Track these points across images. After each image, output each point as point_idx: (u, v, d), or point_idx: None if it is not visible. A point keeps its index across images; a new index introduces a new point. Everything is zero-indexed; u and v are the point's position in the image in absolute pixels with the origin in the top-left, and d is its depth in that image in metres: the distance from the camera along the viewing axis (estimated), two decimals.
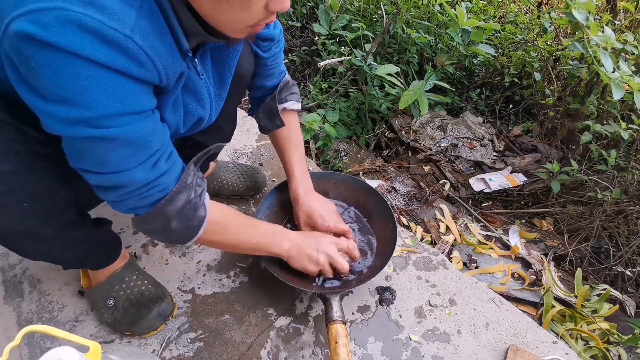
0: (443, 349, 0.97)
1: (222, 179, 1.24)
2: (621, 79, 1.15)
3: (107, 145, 0.57)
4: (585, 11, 1.18)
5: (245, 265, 1.11)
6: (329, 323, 0.86)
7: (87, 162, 0.60)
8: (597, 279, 1.37)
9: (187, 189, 0.69)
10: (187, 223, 0.72)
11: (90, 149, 0.57)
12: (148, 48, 0.53)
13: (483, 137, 1.93)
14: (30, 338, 0.94)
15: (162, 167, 0.65)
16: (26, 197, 0.65)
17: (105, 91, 0.53)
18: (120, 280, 0.95)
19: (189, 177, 0.70)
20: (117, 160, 0.59)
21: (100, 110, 0.53)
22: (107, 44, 0.50)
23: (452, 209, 1.52)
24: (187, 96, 0.72)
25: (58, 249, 0.78)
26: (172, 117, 0.70)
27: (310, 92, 1.90)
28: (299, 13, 2.16)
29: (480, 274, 1.28)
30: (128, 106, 0.56)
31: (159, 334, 0.96)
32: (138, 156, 0.61)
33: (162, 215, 0.68)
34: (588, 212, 1.47)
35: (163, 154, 0.65)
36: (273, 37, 0.91)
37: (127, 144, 0.58)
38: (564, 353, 0.99)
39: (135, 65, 0.54)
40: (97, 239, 0.87)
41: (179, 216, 0.70)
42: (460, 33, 1.30)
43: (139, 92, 0.57)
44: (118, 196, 0.64)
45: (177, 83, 0.65)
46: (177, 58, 0.61)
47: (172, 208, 0.68)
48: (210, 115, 0.80)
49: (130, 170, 0.61)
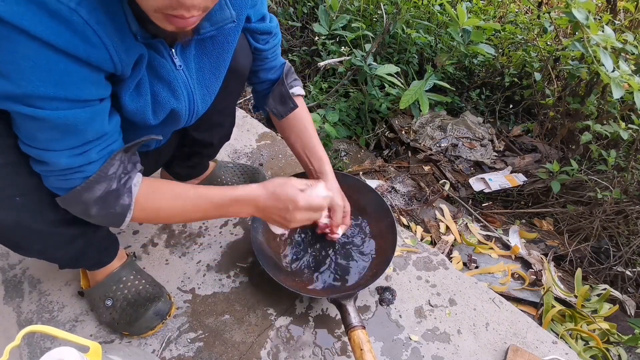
0: (443, 349, 0.97)
1: (222, 179, 1.24)
2: (621, 79, 1.15)
3: (36, 123, 0.56)
4: (585, 11, 1.18)
5: (246, 265, 1.11)
6: (350, 330, 0.85)
7: (19, 132, 0.60)
8: (597, 279, 1.37)
9: (107, 179, 0.66)
10: (109, 210, 0.69)
11: (22, 122, 0.57)
12: (95, 24, 0.52)
13: (483, 137, 1.93)
14: (30, 338, 0.94)
15: (91, 157, 0.63)
16: (18, 190, 0.64)
17: (40, 73, 0.52)
18: (117, 281, 0.95)
19: (111, 167, 0.66)
20: (45, 139, 0.59)
21: (30, 89, 0.52)
22: (51, 16, 0.49)
23: (452, 209, 1.52)
24: (159, 86, 0.70)
25: (52, 246, 0.78)
26: (135, 103, 0.68)
27: (310, 92, 1.90)
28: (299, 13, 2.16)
29: (480, 274, 1.28)
30: (62, 91, 0.54)
31: (158, 334, 0.96)
32: (66, 141, 0.60)
33: (79, 201, 0.66)
34: (588, 212, 1.47)
35: (98, 145, 0.63)
36: (270, 30, 0.91)
37: (56, 127, 0.57)
38: (564, 353, 0.99)
39: (81, 41, 0.52)
40: (93, 238, 0.86)
41: (97, 204, 0.67)
42: (460, 33, 1.30)
43: (80, 80, 0.55)
44: (42, 171, 0.63)
45: (137, 68, 0.63)
46: (131, 41, 0.59)
47: (89, 196, 0.66)
48: (194, 108, 0.79)
49: (56, 152, 0.60)
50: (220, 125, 1.04)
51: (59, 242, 0.78)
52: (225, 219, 1.22)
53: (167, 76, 0.70)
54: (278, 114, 1.00)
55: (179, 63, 0.70)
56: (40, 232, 0.72)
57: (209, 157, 1.19)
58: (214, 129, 1.03)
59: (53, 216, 0.72)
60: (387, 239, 1.09)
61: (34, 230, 0.71)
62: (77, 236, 0.80)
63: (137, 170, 0.72)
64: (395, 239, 1.05)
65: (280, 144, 1.51)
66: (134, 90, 0.67)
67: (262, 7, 0.87)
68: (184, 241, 1.16)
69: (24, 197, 0.66)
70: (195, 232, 1.18)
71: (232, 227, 1.21)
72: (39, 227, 0.71)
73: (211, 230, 1.19)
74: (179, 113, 0.76)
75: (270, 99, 0.99)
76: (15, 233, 0.69)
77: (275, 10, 2.16)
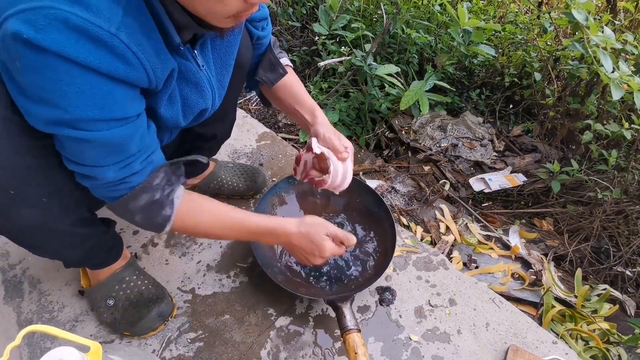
0: (443, 349, 0.97)
1: (222, 178, 1.24)
2: (621, 79, 1.15)
3: (84, 145, 0.59)
4: (585, 11, 1.18)
5: (245, 265, 1.11)
6: (345, 333, 0.86)
7: (67, 152, 0.63)
8: (597, 279, 1.37)
9: (151, 190, 0.70)
10: (152, 220, 0.73)
11: (68, 144, 0.60)
12: (134, 46, 0.54)
13: (483, 137, 1.93)
14: (30, 338, 0.94)
15: (134, 168, 0.66)
16: (45, 191, 0.67)
17: (85, 98, 0.54)
18: (120, 280, 0.95)
19: (156, 179, 0.70)
20: (92, 157, 0.62)
21: (78, 114, 0.55)
22: (93, 42, 0.50)
23: (452, 209, 1.52)
24: (188, 89, 0.73)
25: (69, 246, 0.80)
26: (169, 112, 0.71)
27: (310, 92, 1.90)
28: (299, 13, 2.16)
29: (480, 274, 1.28)
30: (107, 113, 0.57)
31: (159, 334, 0.96)
32: (112, 157, 0.63)
33: (125, 209, 0.70)
34: (588, 212, 1.47)
35: (140, 157, 0.67)
36: (266, 15, 0.93)
37: (103, 146, 0.60)
38: (564, 353, 0.99)
39: (122, 63, 0.54)
40: (103, 238, 0.88)
41: (142, 212, 0.71)
42: (461, 33, 1.30)
43: (121, 99, 0.58)
44: (91, 185, 0.67)
45: (169, 81, 0.65)
46: (166, 55, 0.61)
47: (135, 204, 0.69)
48: (214, 104, 0.81)
49: (103, 168, 0.63)
50: (221, 120, 1.05)
51: (74, 242, 0.80)
52: None
53: (194, 78, 0.72)
54: (268, 81, 1.00)
55: (201, 63, 0.73)
56: (61, 232, 0.74)
57: (209, 152, 1.19)
58: (216, 123, 1.04)
59: (75, 217, 0.75)
60: (387, 239, 1.09)
61: (55, 230, 0.73)
62: (90, 236, 0.82)
63: (180, 183, 0.76)
64: (395, 239, 1.05)
65: (280, 144, 1.51)
66: (167, 101, 0.70)
67: None
68: (184, 241, 1.16)
69: (51, 198, 0.68)
70: None
71: None
72: (61, 227, 0.73)
73: None
74: (206, 110, 0.79)
75: (260, 68, 1.00)
76: (37, 233, 0.71)
77: (275, 10, 2.16)
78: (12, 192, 0.62)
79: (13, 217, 0.65)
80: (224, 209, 0.83)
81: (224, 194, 1.26)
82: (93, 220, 0.84)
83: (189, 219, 0.78)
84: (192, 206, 0.78)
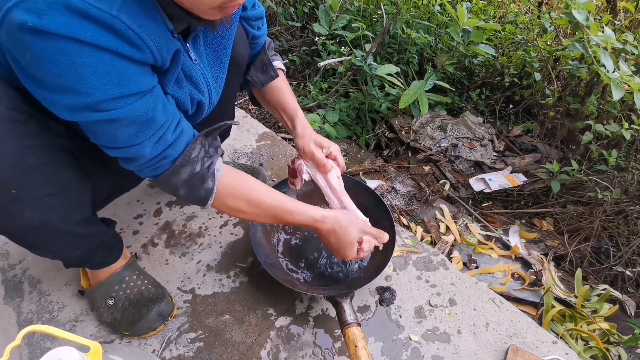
0: (443, 349, 0.97)
1: None
2: (621, 79, 1.15)
3: (114, 125, 0.59)
4: (585, 11, 1.18)
5: (245, 265, 1.11)
6: (344, 327, 0.86)
7: (102, 139, 0.63)
8: (597, 279, 1.37)
9: (190, 163, 0.71)
10: (195, 193, 0.75)
11: (100, 129, 0.61)
12: (137, 27, 0.54)
13: (483, 137, 1.93)
14: (30, 338, 0.94)
15: (168, 139, 0.67)
16: (47, 191, 0.67)
17: (102, 77, 0.54)
18: (120, 280, 0.95)
19: (193, 151, 0.71)
20: (126, 136, 0.62)
21: (99, 95, 0.55)
22: (96, 23, 0.51)
23: (452, 209, 1.52)
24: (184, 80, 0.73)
25: (70, 245, 0.80)
26: (178, 93, 0.72)
27: (310, 92, 1.90)
28: (299, 13, 2.16)
29: (480, 274, 1.28)
30: (126, 89, 0.57)
31: (159, 334, 0.96)
32: (144, 132, 0.63)
33: (169, 184, 0.72)
34: (588, 212, 1.47)
35: (170, 126, 0.67)
36: (262, 15, 0.93)
37: (132, 122, 0.61)
38: (564, 353, 0.99)
39: (127, 44, 0.54)
40: (104, 238, 0.88)
41: (184, 186, 0.73)
42: (460, 33, 1.30)
43: (135, 73, 0.58)
44: (134, 167, 0.68)
45: (175, 61, 0.66)
46: (169, 37, 0.62)
47: (177, 179, 0.71)
48: (211, 99, 0.81)
49: (139, 145, 0.64)
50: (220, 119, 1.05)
51: (76, 242, 0.80)
52: (225, 219, 1.22)
53: (188, 71, 0.72)
54: (259, 82, 1.01)
55: (194, 57, 0.73)
56: (63, 232, 0.74)
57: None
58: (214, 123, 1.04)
59: (78, 217, 0.75)
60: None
61: (58, 230, 0.73)
62: (92, 236, 0.83)
63: (219, 155, 0.77)
64: (394, 239, 1.05)
65: (280, 144, 1.51)
66: (175, 83, 0.70)
67: None
68: (184, 241, 1.16)
69: (53, 198, 0.68)
70: (195, 232, 1.18)
71: (232, 227, 1.21)
72: (64, 227, 0.73)
73: (211, 230, 1.19)
74: (203, 104, 0.79)
75: (252, 68, 1.00)
76: (40, 233, 0.71)
77: (275, 10, 2.16)
78: (14, 191, 0.62)
79: (15, 217, 0.65)
80: (264, 189, 0.83)
81: None
82: (95, 221, 0.84)
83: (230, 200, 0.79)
84: (232, 186, 0.79)
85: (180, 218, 1.22)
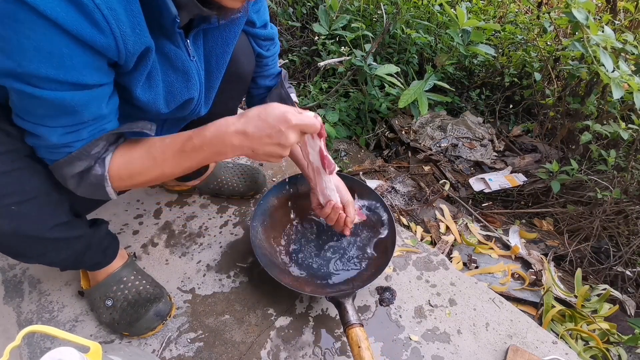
0: (443, 349, 0.97)
1: (222, 178, 1.24)
2: (621, 79, 1.15)
3: (34, 101, 0.56)
4: (585, 11, 1.18)
5: (246, 265, 1.11)
6: (347, 328, 0.86)
7: (17, 107, 0.60)
8: (597, 279, 1.37)
9: (89, 158, 0.66)
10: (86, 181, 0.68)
11: (19, 98, 0.58)
12: (106, 9, 0.52)
13: (483, 137, 1.93)
14: (30, 338, 0.93)
15: (81, 135, 0.64)
16: (14, 200, 0.64)
17: (42, 55, 0.52)
18: (118, 281, 0.95)
19: (95, 148, 0.66)
20: (41, 115, 0.59)
21: (31, 69, 0.52)
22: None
23: (452, 209, 1.52)
24: (174, 76, 0.71)
25: (52, 251, 0.78)
26: (147, 95, 0.68)
27: (310, 92, 1.90)
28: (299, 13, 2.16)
29: (480, 274, 1.28)
30: (62, 74, 0.54)
31: (159, 334, 0.96)
32: (61, 119, 0.60)
33: (60, 174, 0.67)
34: (588, 212, 1.47)
35: (91, 125, 0.64)
36: (272, 36, 0.93)
37: (54, 107, 0.57)
38: (564, 353, 0.99)
39: (89, 24, 0.52)
40: (93, 240, 0.86)
41: (75, 178, 0.67)
42: (460, 33, 1.30)
43: (82, 64, 0.55)
44: (34, 143, 0.64)
45: (144, 60, 0.63)
46: (143, 31, 0.59)
47: (68, 170, 0.66)
48: (200, 98, 0.79)
49: (49, 128, 0.61)
50: None
51: (58, 247, 0.78)
52: (225, 219, 1.22)
53: (182, 66, 0.71)
54: None
55: (192, 54, 0.72)
56: (40, 238, 0.72)
57: None
58: None
59: (52, 222, 0.72)
60: (387, 239, 1.09)
61: (32, 237, 0.70)
62: (77, 238, 0.80)
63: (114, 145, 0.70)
64: (394, 239, 1.05)
65: None
66: (145, 82, 0.67)
67: (265, 14, 0.90)
68: (184, 241, 1.16)
69: (21, 206, 0.65)
70: (195, 232, 1.18)
71: (232, 227, 1.21)
72: (38, 234, 0.71)
73: (211, 230, 1.19)
74: (191, 101, 0.77)
75: (269, 100, 1.01)
76: (14, 240, 0.69)
77: (275, 10, 2.16)
78: None
79: None
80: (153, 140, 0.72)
81: (224, 194, 1.26)
82: (78, 224, 0.81)
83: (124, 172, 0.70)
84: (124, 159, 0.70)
85: (180, 218, 1.22)
